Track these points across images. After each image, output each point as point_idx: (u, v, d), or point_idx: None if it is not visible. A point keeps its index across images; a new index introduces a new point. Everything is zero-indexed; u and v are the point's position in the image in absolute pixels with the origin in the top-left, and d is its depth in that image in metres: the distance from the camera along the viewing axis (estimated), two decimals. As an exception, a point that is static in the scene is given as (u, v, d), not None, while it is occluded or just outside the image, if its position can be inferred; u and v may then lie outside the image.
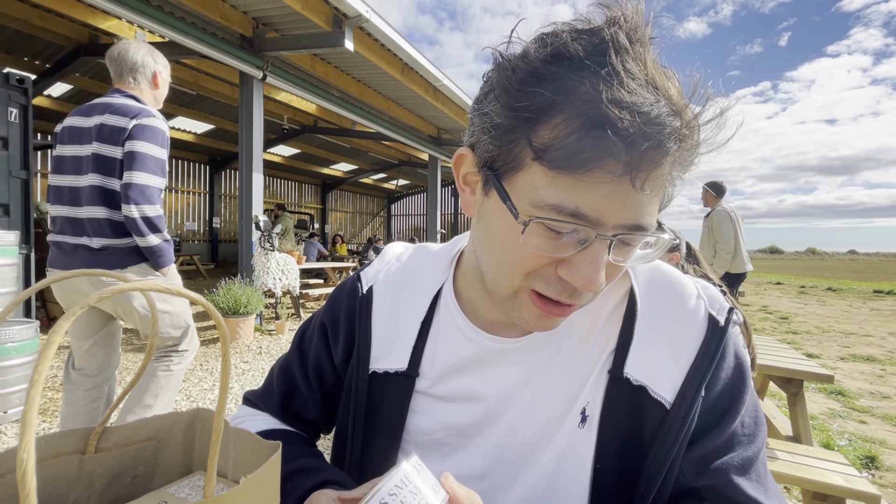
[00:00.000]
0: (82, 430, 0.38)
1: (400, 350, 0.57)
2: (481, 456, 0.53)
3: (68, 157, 1.75)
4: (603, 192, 0.37)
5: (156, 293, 0.60)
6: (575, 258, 0.41)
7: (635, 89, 0.36)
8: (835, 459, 1.65)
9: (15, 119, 3.55)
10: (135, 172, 1.69)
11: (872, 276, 22.96)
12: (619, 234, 0.40)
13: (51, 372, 3.63)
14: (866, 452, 2.71)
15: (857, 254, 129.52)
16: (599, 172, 0.37)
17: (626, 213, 0.39)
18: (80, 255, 1.73)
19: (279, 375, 0.67)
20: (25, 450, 0.21)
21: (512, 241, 0.42)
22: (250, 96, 5.55)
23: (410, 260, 0.63)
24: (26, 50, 6.76)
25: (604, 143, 0.35)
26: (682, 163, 0.40)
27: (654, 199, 0.40)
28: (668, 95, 0.38)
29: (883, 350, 5.70)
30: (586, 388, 0.50)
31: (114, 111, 1.72)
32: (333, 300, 0.65)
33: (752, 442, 0.48)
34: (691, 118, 0.38)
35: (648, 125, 0.35)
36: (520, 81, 0.39)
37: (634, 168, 0.37)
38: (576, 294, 0.43)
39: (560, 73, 0.38)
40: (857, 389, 4.06)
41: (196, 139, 11.29)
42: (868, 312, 9.25)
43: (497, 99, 0.41)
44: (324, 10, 4.88)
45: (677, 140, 0.37)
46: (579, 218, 0.38)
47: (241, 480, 0.30)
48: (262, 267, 5.41)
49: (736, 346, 0.51)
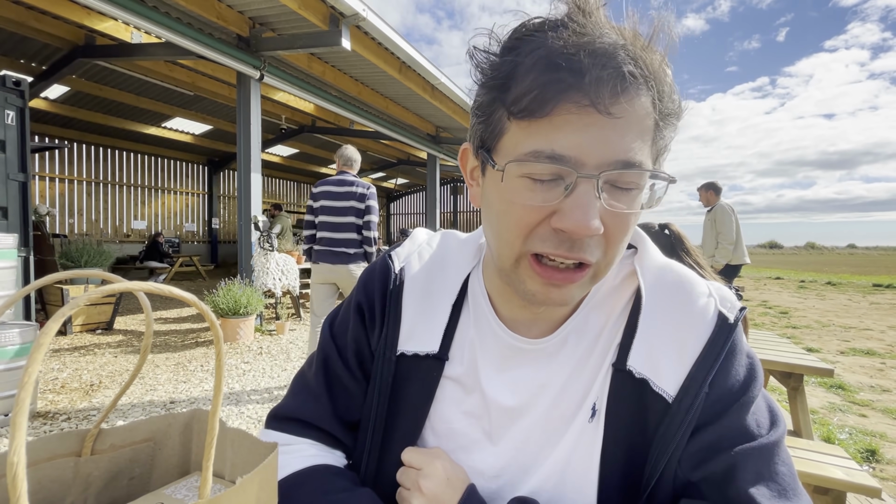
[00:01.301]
0: (78, 432, 0.38)
1: (432, 333, 0.56)
2: (496, 455, 0.53)
3: (335, 206, 3.42)
4: (574, 128, 0.39)
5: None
6: (564, 204, 0.41)
7: (587, 32, 0.39)
8: (835, 453, 1.66)
9: (12, 122, 3.54)
10: (370, 216, 3.42)
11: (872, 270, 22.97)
12: (603, 172, 0.40)
13: (51, 374, 3.63)
14: (867, 446, 2.72)
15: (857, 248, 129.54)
16: (565, 108, 0.39)
17: (605, 148, 0.40)
18: (340, 257, 3.40)
19: (318, 373, 0.60)
20: (16, 453, 0.21)
21: (505, 205, 0.44)
22: (248, 96, 5.53)
23: (441, 245, 0.63)
24: (22, 52, 6.73)
25: (561, 78, 0.39)
26: (659, 95, 0.41)
27: (633, 132, 0.40)
28: (620, 33, 0.41)
29: (883, 344, 5.70)
30: (596, 383, 0.51)
31: (356, 185, 3.43)
32: (365, 281, 0.62)
33: (764, 437, 0.47)
34: (644, 42, 0.41)
35: (599, 54, 0.38)
36: (490, 59, 0.44)
37: (596, 95, 0.38)
38: (575, 246, 0.42)
39: (522, 41, 0.42)
40: (857, 383, 4.07)
41: (194, 140, 11.27)
42: (867, 306, 9.26)
43: (477, 83, 0.46)
44: (320, 9, 4.86)
45: (632, 60, 0.39)
46: (556, 160, 0.40)
47: (238, 481, 0.30)
48: (261, 267, 5.40)
49: (748, 346, 0.51)
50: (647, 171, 0.42)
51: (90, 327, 5.21)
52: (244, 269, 5.57)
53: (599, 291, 0.54)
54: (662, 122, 0.43)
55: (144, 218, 12.24)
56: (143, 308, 0.35)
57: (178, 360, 4.17)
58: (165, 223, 12.78)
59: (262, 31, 5.47)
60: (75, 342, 4.70)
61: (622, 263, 0.55)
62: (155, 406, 3.08)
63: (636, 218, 0.44)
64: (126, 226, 11.86)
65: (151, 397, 3.22)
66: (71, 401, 3.11)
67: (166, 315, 6.40)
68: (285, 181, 16.44)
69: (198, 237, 13.69)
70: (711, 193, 4.99)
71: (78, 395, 3.21)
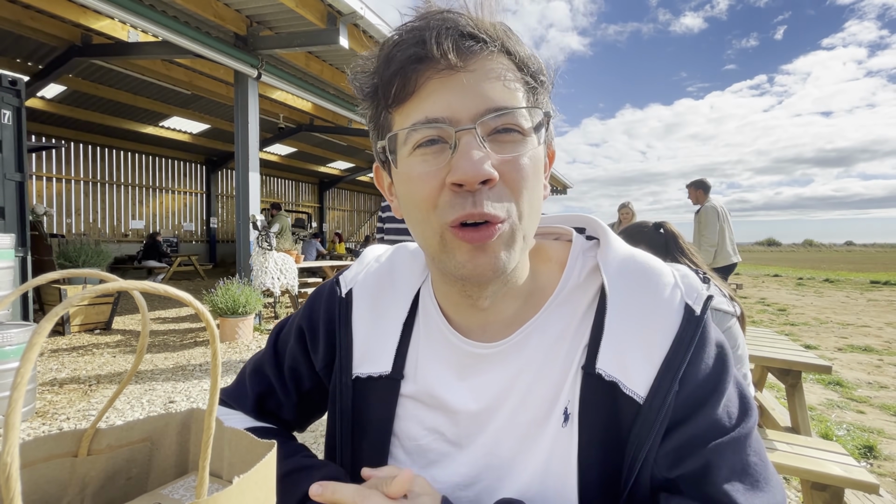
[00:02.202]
0: (74, 432, 0.38)
1: (383, 353, 0.56)
2: (468, 464, 0.53)
3: (400, 226, 3.31)
4: (441, 92, 0.43)
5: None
6: (452, 161, 0.43)
7: (428, 15, 0.45)
8: (833, 449, 1.66)
9: (8, 121, 3.53)
10: None
11: (869, 267, 23.04)
12: (479, 121, 0.42)
13: (49, 374, 3.62)
14: (864, 442, 2.73)
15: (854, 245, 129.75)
16: (426, 78, 0.43)
17: (474, 101, 0.43)
18: None
19: (252, 375, 0.66)
20: (9, 453, 0.21)
21: (408, 186, 0.46)
22: (245, 95, 5.52)
23: (389, 261, 0.63)
24: (18, 51, 6.70)
25: (411, 54, 0.43)
26: (510, 50, 0.45)
27: (497, 81, 0.44)
28: (456, 10, 0.45)
29: (880, 340, 5.72)
30: (566, 386, 0.50)
31: None
32: (311, 304, 0.64)
33: (735, 429, 0.47)
34: (477, 11, 0.45)
35: (439, 25, 0.43)
36: (364, 72, 0.48)
37: (448, 57, 0.42)
38: (477, 200, 0.42)
39: (381, 48, 0.47)
40: (854, 380, 4.08)
41: (192, 139, 11.24)
42: (865, 303, 9.29)
43: (361, 100, 0.50)
44: (318, 8, 4.85)
45: (472, 24, 0.43)
46: (432, 122, 0.43)
47: (235, 480, 0.30)
48: (260, 266, 5.39)
49: (717, 334, 0.50)
50: (521, 108, 0.44)
51: (88, 327, 5.21)
52: (243, 269, 5.56)
53: (564, 290, 0.53)
54: (523, 72, 0.46)
55: (142, 217, 12.20)
56: (139, 308, 0.35)
57: (176, 359, 4.16)
58: (163, 223, 12.75)
59: (260, 29, 5.45)
60: (73, 342, 4.69)
61: (585, 258, 0.55)
62: (153, 406, 3.07)
63: (533, 164, 0.45)
64: (124, 225, 11.83)
65: (150, 396, 3.21)
66: (69, 400, 3.10)
67: (164, 315, 6.39)
68: (284, 180, 16.40)
69: (196, 237, 13.66)
70: (700, 192, 4.91)
71: (76, 395, 3.20)
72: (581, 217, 0.62)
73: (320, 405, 0.67)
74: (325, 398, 0.64)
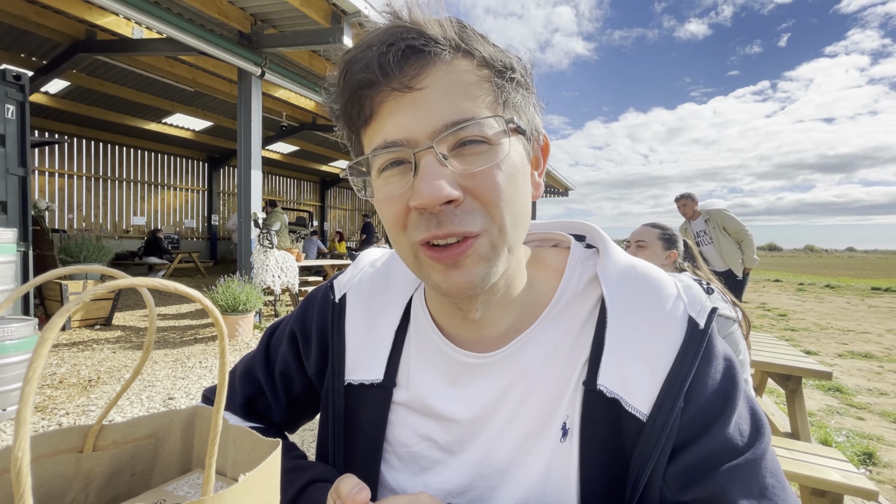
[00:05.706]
0: (79, 427, 0.38)
1: (375, 361, 0.56)
2: (461, 472, 0.52)
3: None
4: (396, 114, 0.42)
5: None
6: (414, 184, 0.42)
7: (369, 36, 0.43)
8: (833, 456, 1.66)
9: (12, 116, 3.53)
10: None
11: (870, 274, 23.00)
12: (437, 138, 0.41)
13: (49, 369, 3.62)
14: (864, 449, 2.72)
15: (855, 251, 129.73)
16: (379, 101, 0.42)
17: (429, 119, 0.41)
18: None
19: (242, 377, 0.65)
20: (20, 448, 0.21)
21: (380, 208, 0.46)
22: (249, 93, 5.53)
23: (385, 266, 0.61)
24: (23, 46, 6.72)
25: (360, 80, 0.42)
26: (467, 50, 0.42)
27: (454, 93, 0.41)
28: (397, 20, 0.43)
29: (881, 347, 5.71)
30: (564, 401, 0.49)
31: None
32: (305, 308, 0.63)
33: (749, 450, 0.45)
34: (422, 16, 0.42)
35: (379, 43, 0.41)
36: (330, 95, 0.47)
37: (393, 78, 0.40)
38: (443, 221, 0.41)
39: (340, 70, 0.45)
40: (854, 386, 4.08)
41: (194, 136, 11.25)
42: (866, 309, 9.28)
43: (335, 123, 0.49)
44: (322, 7, 4.86)
45: (414, 34, 0.41)
46: (391, 145, 0.42)
47: (240, 478, 0.30)
48: (260, 264, 5.39)
49: (724, 348, 0.48)
50: (481, 119, 0.41)
51: (89, 323, 5.21)
52: (243, 266, 5.56)
53: (561, 300, 0.51)
54: (489, 70, 0.43)
55: (144, 214, 12.22)
56: (145, 303, 0.35)
57: (176, 356, 4.17)
58: (165, 219, 12.77)
59: (264, 27, 5.46)
60: (74, 337, 4.69)
61: (584, 266, 0.54)
62: (153, 402, 3.07)
63: (507, 171, 0.43)
64: (125, 221, 11.85)
65: (150, 393, 3.21)
66: (69, 396, 3.11)
67: (165, 311, 6.40)
68: (285, 178, 16.42)
69: (197, 234, 13.68)
70: (690, 201, 4.66)
71: (76, 391, 3.21)
72: (581, 224, 0.60)
73: (311, 409, 0.66)
74: (315, 402, 0.64)
